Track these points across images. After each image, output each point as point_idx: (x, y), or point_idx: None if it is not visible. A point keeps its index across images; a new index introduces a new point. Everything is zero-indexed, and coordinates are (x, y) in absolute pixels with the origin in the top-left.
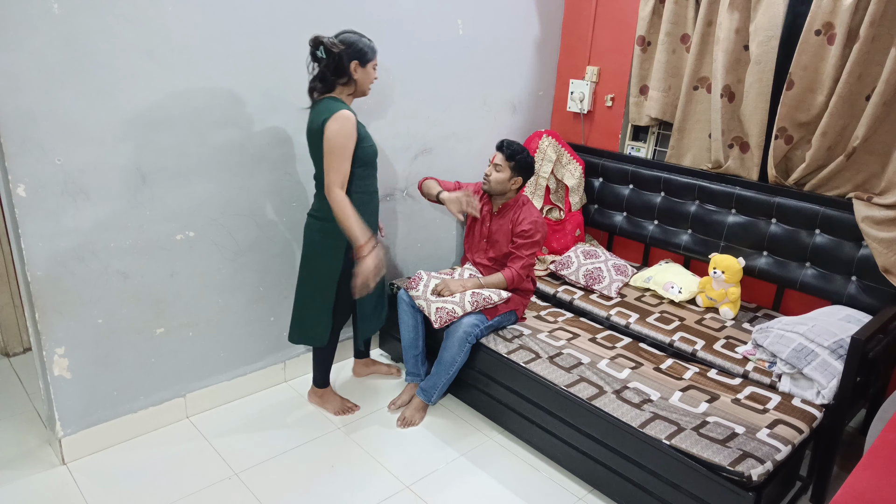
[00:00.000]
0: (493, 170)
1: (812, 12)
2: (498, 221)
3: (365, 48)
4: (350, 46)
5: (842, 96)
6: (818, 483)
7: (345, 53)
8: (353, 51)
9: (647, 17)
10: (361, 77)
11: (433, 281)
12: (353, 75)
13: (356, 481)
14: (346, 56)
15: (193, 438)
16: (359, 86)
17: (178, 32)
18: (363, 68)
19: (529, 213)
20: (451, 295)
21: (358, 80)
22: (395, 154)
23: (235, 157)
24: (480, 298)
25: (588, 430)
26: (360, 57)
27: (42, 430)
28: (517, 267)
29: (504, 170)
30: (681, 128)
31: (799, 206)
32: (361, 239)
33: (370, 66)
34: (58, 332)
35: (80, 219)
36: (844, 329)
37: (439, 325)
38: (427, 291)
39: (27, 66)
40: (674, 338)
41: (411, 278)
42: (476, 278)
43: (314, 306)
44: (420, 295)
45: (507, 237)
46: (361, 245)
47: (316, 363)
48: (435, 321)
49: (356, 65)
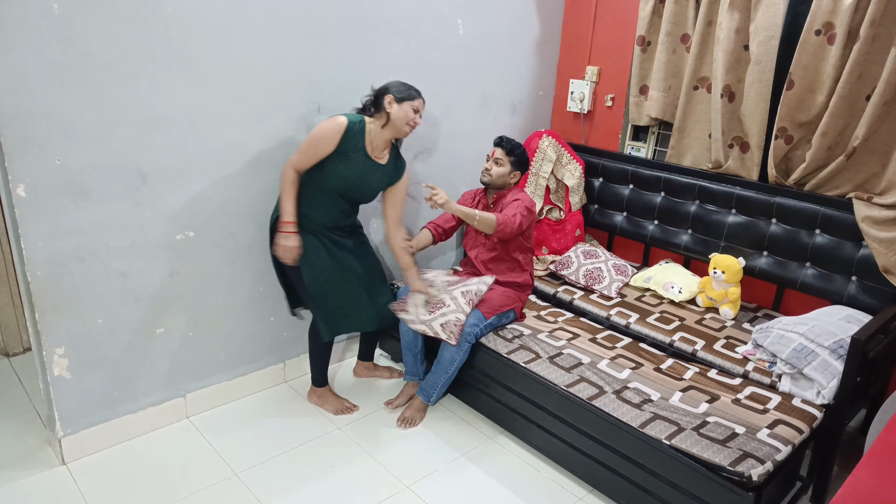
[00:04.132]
0: (494, 164)
1: (812, 12)
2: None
3: (403, 87)
4: (388, 84)
5: (842, 96)
6: (818, 483)
7: (383, 90)
8: (389, 87)
9: (647, 16)
10: (395, 113)
11: (418, 297)
12: (386, 108)
13: (356, 481)
14: (383, 92)
15: (193, 438)
16: (391, 121)
17: (178, 32)
18: (398, 104)
19: (514, 192)
20: (444, 202)
21: (391, 115)
22: None
23: (235, 157)
24: (472, 294)
25: (588, 430)
26: (395, 93)
27: (42, 430)
28: (506, 213)
29: (505, 164)
30: (681, 128)
31: (799, 206)
32: (284, 217)
33: (407, 105)
34: (58, 332)
35: (80, 219)
36: (844, 329)
37: (456, 340)
38: (418, 311)
39: (27, 66)
40: (674, 338)
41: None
42: (468, 209)
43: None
44: (415, 320)
45: None
46: (283, 222)
47: (312, 362)
48: (449, 338)
49: (391, 99)
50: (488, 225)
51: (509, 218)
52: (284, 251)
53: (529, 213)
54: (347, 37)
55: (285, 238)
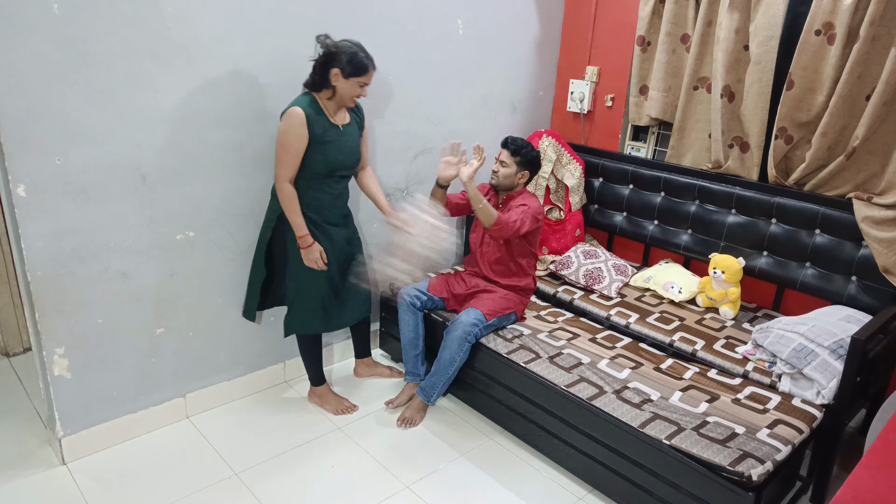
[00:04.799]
0: (500, 166)
1: (812, 12)
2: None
3: (352, 61)
4: (337, 54)
5: (842, 96)
6: (818, 483)
7: (330, 58)
8: (338, 59)
9: (647, 16)
10: (341, 87)
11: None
12: (332, 81)
13: (356, 481)
14: (330, 62)
15: (193, 438)
16: (337, 94)
17: (178, 32)
18: (345, 79)
19: (523, 198)
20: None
21: (337, 89)
22: (394, 154)
23: (235, 157)
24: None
25: (588, 430)
26: (343, 67)
27: (42, 430)
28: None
29: (510, 165)
30: (681, 128)
31: (799, 206)
32: (298, 232)
33: (354, 81)
34: (58, 332)
35: (80, 219)
36: (844, 329)
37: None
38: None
39: (27, 66)
40: (674, 338)
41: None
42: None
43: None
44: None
45: None
46: (299, 237)
47: (305, 362)
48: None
49: (337, 73)
50: (488, 217)
51: (510, 221)
52: (315, 263)
53: (534, 221)
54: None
55: (309, 252)
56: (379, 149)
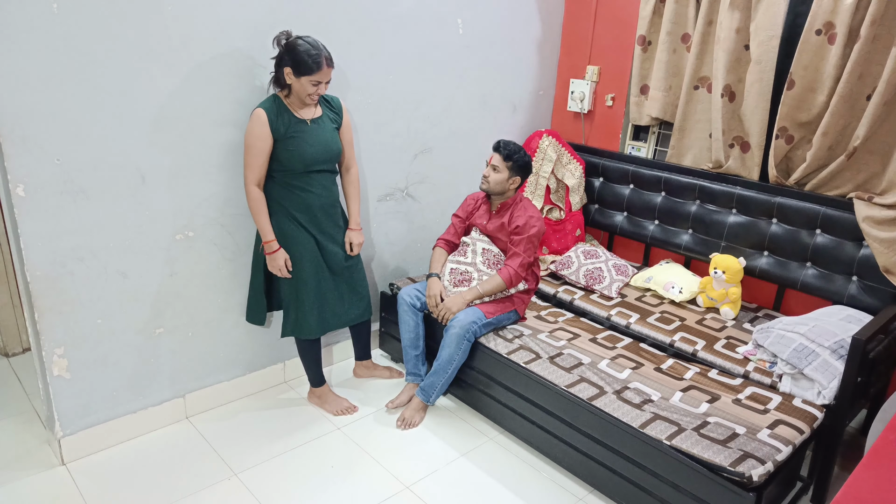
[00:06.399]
0: (492, 171)
1: (813, 12)
2: (496, 220)
3: (304, 60)
4: (290, 52)
5: (842, 96)
6: (819, 483)
7: (282, 57)
8: (290, 57)
9: (647, 16)
10: (295, 86)
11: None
12: (286, 80)
13: (356, 481)
14: (283, 60)
15: (193, 439)
16: (293, 92)
17: (178, 32)
18: (296, 79)
19: (524, 210)
20: (453, 316)
21: (292, 87)
22: (395, 154)
23: (235, 157)
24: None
25: (588, 431)
26: (295, 67)
27: (41, 430)
28: (515, 265)
29: (502, 170)
30: (681, 127)
31: (800, 206)
32: (263, 237)
33: (306, 80)
34: (57, 332)
35: (80, 219)
36: (845, 329)
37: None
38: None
39: (27, 66)
40: (674, 338)
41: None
42: (475, 288)
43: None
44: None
45: (507, 235)
46: (264, 242)
47: (304, 364)
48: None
49: (289, 72)
50: (499, 288)
51: (514, 272)
52: (279, 270)
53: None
54: (348, 36)
55: (273, 259)
56: (379, 149)
